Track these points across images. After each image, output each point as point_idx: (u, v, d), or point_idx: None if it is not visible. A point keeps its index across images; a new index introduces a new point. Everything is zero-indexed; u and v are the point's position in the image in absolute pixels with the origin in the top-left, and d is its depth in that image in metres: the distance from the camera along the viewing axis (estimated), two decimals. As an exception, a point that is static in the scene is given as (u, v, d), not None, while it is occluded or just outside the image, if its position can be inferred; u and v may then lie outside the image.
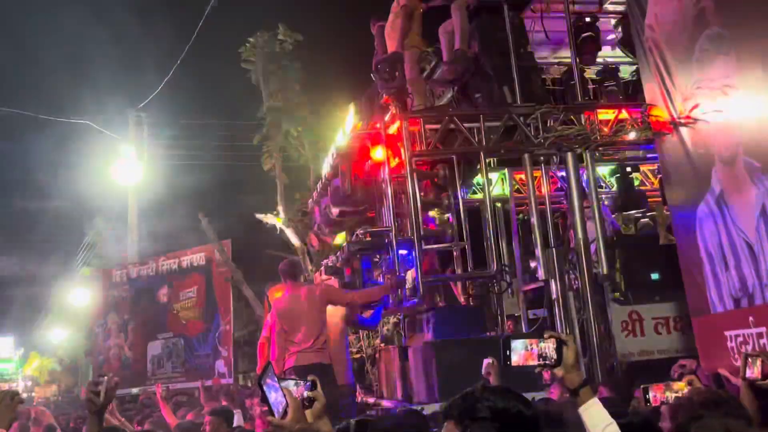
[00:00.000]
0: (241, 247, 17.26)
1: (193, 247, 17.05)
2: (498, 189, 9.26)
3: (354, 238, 8.07)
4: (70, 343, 29.18)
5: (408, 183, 7.15)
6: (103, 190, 21.90)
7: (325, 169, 9.00)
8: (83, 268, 26.69)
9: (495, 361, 4.87)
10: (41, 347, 32.46)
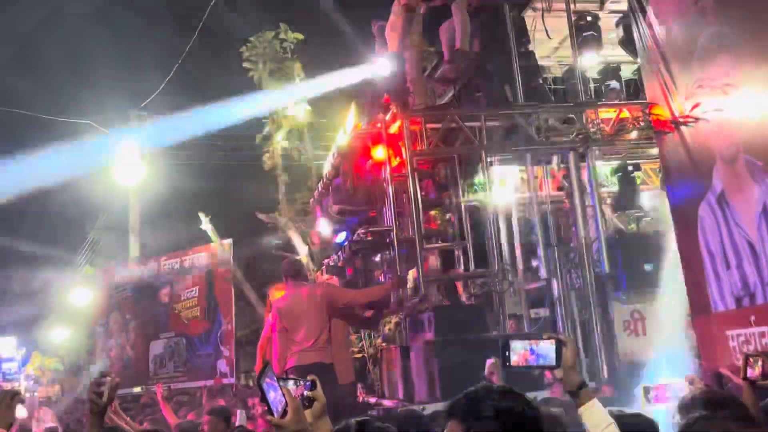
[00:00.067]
0: (243, 246, 17.25)
1: (195, 246, 17.05)
2: (499, 188, 9.25)
3: (355, 238, 8.08)
4: (72, 342, 29.16)
5: (409, 182, 7.15)
6: (105, 190, 21.90)
7: (326, 168, 9.00)
8: (85, 268, 26.70)
9: (498, 360, 4.87)
10: (43, 347, 32.42)
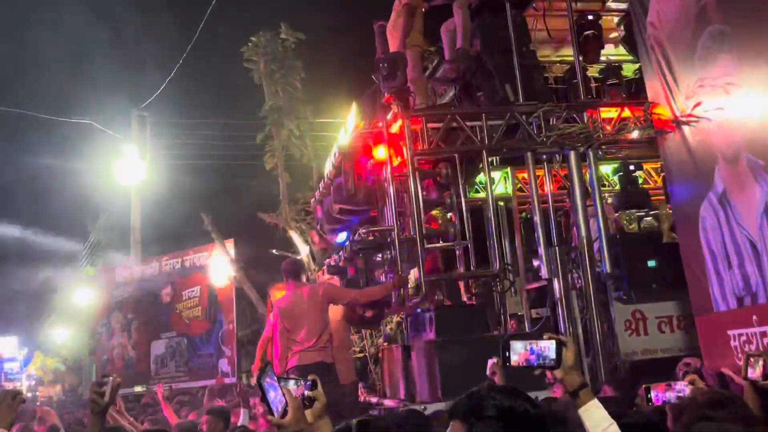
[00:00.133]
0: (244, 246, 17.27)
1: (196, 246, 17.06)
2: (500, 188, 9.27)
3: (356, 237, 8.07)
4: (74, 342, 29.21)
5: (410, 182, 7.13)
6: (107, 190, 21.94)
7: (327, 168, 8.99)
8: (87, 268, 26.74)
9: (500, 360, 4.86)
10: (45, 347, 32.48)
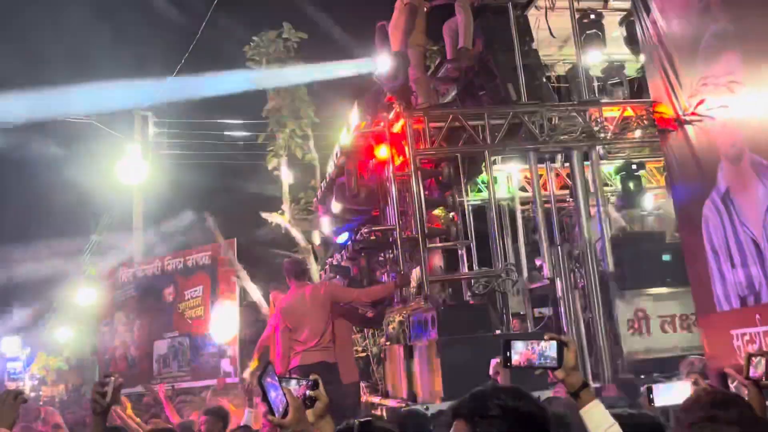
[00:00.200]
0: (246, 246, 17.26)
1: (199, 246, 17.05)
2: (503, 187, 9.25)
3: (358, 237, 8.07)
4: (77, 342, 29.22)
5: (412, 181, 7.13)
6: (109, 190, 21.94)
7: (330, 167, 8.99)
8: (89, 268, 26.74)
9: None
10: (48, 346, 32.50)
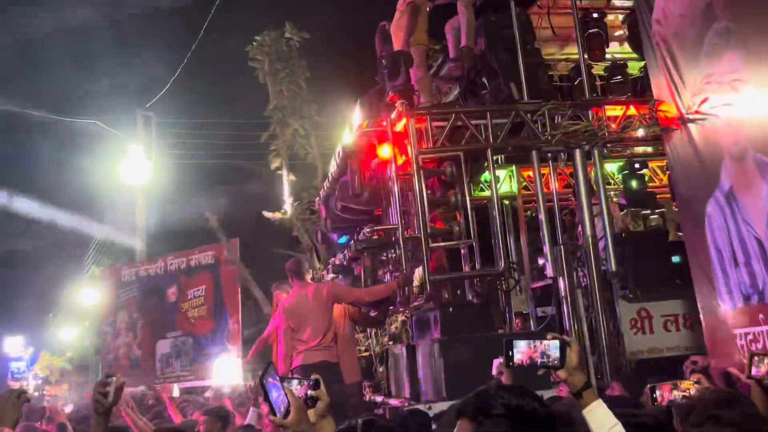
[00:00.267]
0: (249, 245, 17.27)
1: (201, 245, 17.07)
2: (506, 186, 9.24)
3: (361, 236, 8.06)
4: (80, 341, 29.32)
5: (415, 180, 7.12)
6: (112, 190, 21.99)
7: (332, 167, 8.99)
8: (93, 268, 26.81)
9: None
10: (51, 346, 32.62)
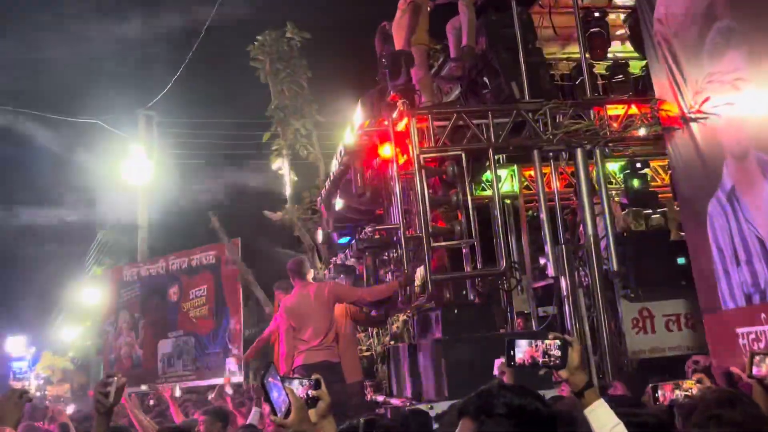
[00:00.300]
0: (251, 245, 17.28)
1: (203, 245, 17.07)
2: (507, 185, 9.23)
3: (363, 236, 8.06)
4: (82, 341, 29.36)
5: (416, 180, 7.11)
6: (114, 190, 22.02)
7: (334, 166, 8.99)
8: (94, 267, 26.83)
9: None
10: (53, 346, 32.67)
